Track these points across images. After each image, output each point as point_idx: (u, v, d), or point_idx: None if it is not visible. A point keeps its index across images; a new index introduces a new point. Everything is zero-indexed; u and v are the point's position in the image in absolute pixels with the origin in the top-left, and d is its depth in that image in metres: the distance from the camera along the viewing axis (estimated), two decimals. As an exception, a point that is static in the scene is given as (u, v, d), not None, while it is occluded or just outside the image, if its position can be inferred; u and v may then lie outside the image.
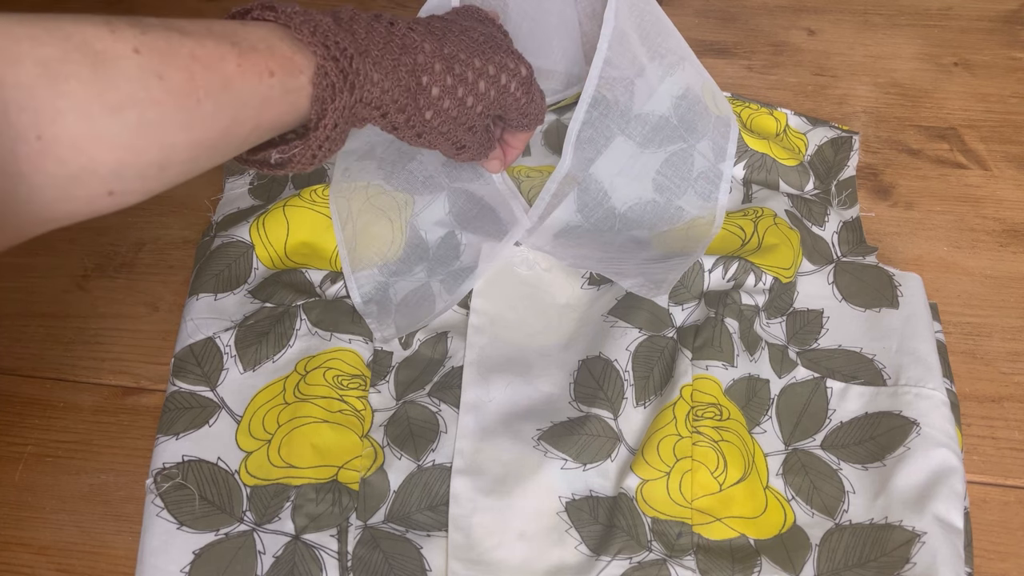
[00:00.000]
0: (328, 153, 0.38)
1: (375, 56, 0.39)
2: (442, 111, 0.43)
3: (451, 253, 0.52)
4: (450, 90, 0.43)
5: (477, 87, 0.44)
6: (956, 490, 0.44)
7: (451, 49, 0.43)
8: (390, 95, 0.40)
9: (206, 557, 0.43)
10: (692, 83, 0.55)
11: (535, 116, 0.49)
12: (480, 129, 0.47)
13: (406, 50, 0.41)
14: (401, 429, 0.47)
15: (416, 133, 0.43)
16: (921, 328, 0.50)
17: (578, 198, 0.54)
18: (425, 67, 0.41)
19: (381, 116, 0.41)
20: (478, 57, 0.44)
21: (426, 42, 0.42)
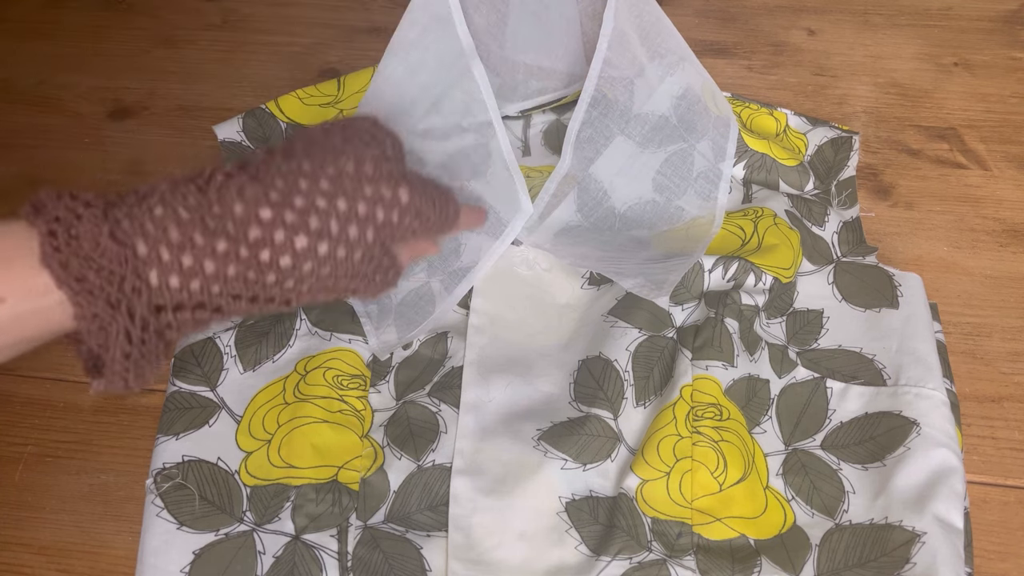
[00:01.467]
0: (147, 371, 0.34)
1: (168, 260, 0.33)
2: (304, 276, 0.36)
3: (451, 253, 0.52)
4: (306, 253, 0.36)
5: (346, 235, 0.37)
6: (956, 490, 0.44)
7: (304, 201, 0.36)
8: (209, 291, 0.34)
9: (206, 557, 0.43)
10: (692, 83, 0.55)
11: (448, 224, 0.43)
12: (370, 270, 0.39)
13: (235, 228, 0.34)
14: (401, 429, 0.47)
15: (284, 303, 0.37)
16: (921, 328, 0.50)
17: (578, 197, 0.54)
18: (261, 242, 0.35)
19: (214, 311, 0.35)
20: (343, 198, 0.37)
21: (263, 207, 0.35)
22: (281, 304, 0.37)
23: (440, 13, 0.50)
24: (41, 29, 0.71)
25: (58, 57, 0.69)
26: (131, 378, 0.34)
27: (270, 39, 0.70)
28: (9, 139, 0.63)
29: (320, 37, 0.70)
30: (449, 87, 0.51)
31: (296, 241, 0.36)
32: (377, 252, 0.39)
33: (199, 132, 0.63)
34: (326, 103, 0.61)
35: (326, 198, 0.37)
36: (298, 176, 0.37)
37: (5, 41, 0.70)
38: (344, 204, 0.37)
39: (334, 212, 0.37)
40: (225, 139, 0.60)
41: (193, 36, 0.70)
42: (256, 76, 0.67)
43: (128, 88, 0.66)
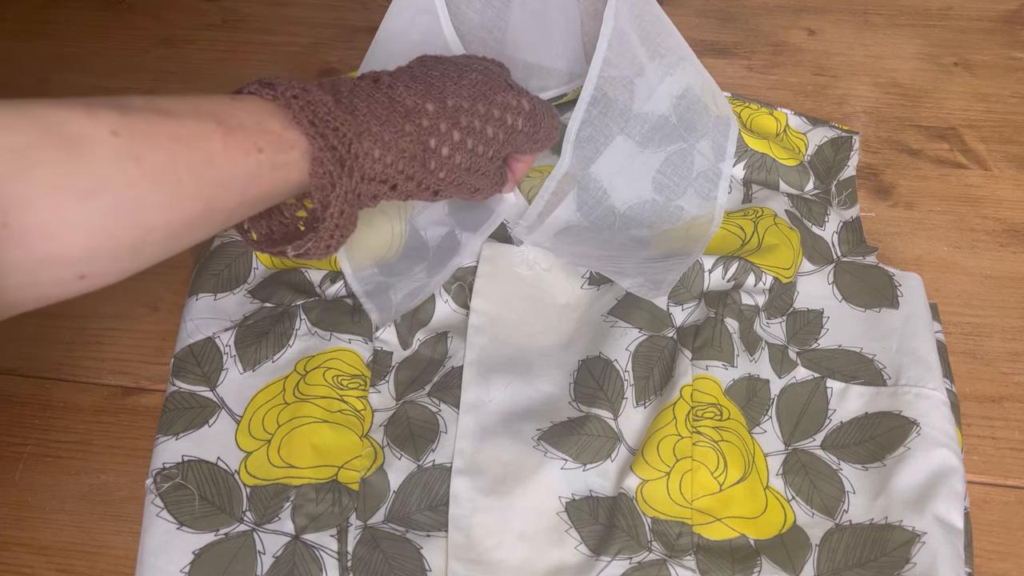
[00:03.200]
0: (342, 239, 0.38)
1: (376, 132, 0.38)
2: (454, 167, 0.43)
3: (451, 253, 0.52)
4: (459, 145, 0.42)
5: (485, 134, 0.43)
6: (956, 490, 0.44)
7: (454, 101, 0.42)
8: (395, 167, 0.39)
9: (206, 557, 0.43)
10: (692, 83, 0.55)
11: (544, 141, 0.49)
12: (493, 170, 0.46)
13: (409, 116, 0.40)
14: (401, 429, 0.47)
15: (432, 193, 0.43)
16: (921, 328, 0.50)
17: (578, 197, 0.54)
18: (431, 130, 0.41)
19: (391, 189, 0.40)
20: (481, 102, 0.43)
21: (428, 102, 0.41)
22: (430, 193, 0.43)
23: (424, 6, 0.50)
24: (41, 29, 0.71)
25: (58, 57, 0.68)
26: (336, 239, 0.38)
27: (270, 39, 0.70)
28: (9, 139, 0.63)
29: (320, 37, 0.70)
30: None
31: (454, 133, 0.41)
32: (501, 152, 0.45)
33: (199, 132, 0.63)
34: (326, 103, 0.61)
35: (469, 100, 0.42)
36: (444, 81, 0.42)
37: (5, 41, 0.70)
38: (483, 107, 0.43)
39: (476, 113, 0.43)
40: (225, 139, 0.60)
41: (193, 36, 0.70)
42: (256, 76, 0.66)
43: (128, 88, 0.66)
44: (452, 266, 0.51)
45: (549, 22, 0.56)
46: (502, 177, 0.49)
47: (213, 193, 0.32)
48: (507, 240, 0.53)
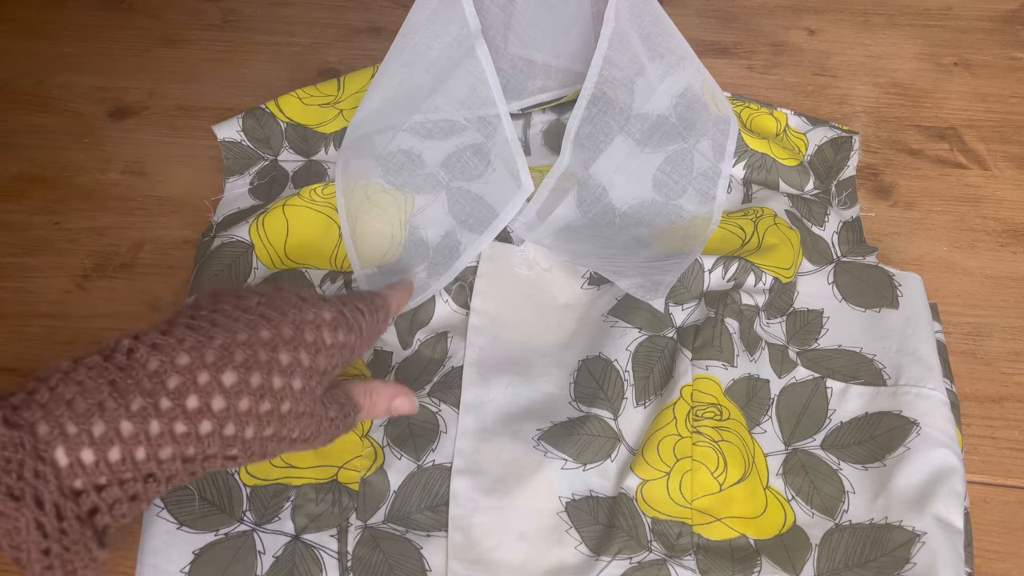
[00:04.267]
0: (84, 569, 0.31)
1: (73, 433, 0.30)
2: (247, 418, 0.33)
3: (451, 254, 0.52)
4: (238, 391, 0.33)
5: (278, 363, 0.35)
6: (956, 490, 0.44)
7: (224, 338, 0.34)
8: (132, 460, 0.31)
9: (206, 557, 0.43)
10: (692, 82, 0.55)
11: (372, 338, 0.41)
12: (318, 408, 0.37)
13: (140, 386, 0.31)
14: (401, 429, 0.47)
15: (230, 460, 0.34)
16: (921, 328, 0.50)
17: (578, 195, 0.54)
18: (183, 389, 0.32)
19: (146, 482, 0.32)
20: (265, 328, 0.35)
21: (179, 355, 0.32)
22: (225, 460, 0.34)
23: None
24: (41, 29, 0.71)
25: (58, 57, 0.69)
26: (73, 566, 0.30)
27: (270, 39, 0.70)
28: (9, 139, 0.63)
29: (320, 37, 0.70)
30: (453, 68, 0.52)
31: (224, 378, 0.33)
32: (318, 380, 0.37)
33: (199, 132, 0.63)
34: (326, 103, 0.61)
35: (246, 332, 0.34)
36: (213, 317, 0.35)
37: (5, 41, 0.70)
38: (267, 333, 0.35)
39: (259, 342, 0.34)
40: (225, 139, 0.60)
41: (193, 36, 0.70)
42: (256, 76, 0.67)
43: (128, 88, 0.66)
44: (455, 270, 0.51)
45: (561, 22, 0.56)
46: (342, 408, 0.39)
47: None
48: (507, 239, 0.53)
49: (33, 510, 0.28)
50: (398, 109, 0.55)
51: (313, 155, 0.60)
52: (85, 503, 0.30)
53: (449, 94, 0.53)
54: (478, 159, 0.53)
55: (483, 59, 0.51)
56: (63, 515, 0.29)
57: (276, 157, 0.60)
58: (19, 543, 0.29)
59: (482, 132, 0.53)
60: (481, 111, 0.52)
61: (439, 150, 0.54)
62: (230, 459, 0.34)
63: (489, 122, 0.52)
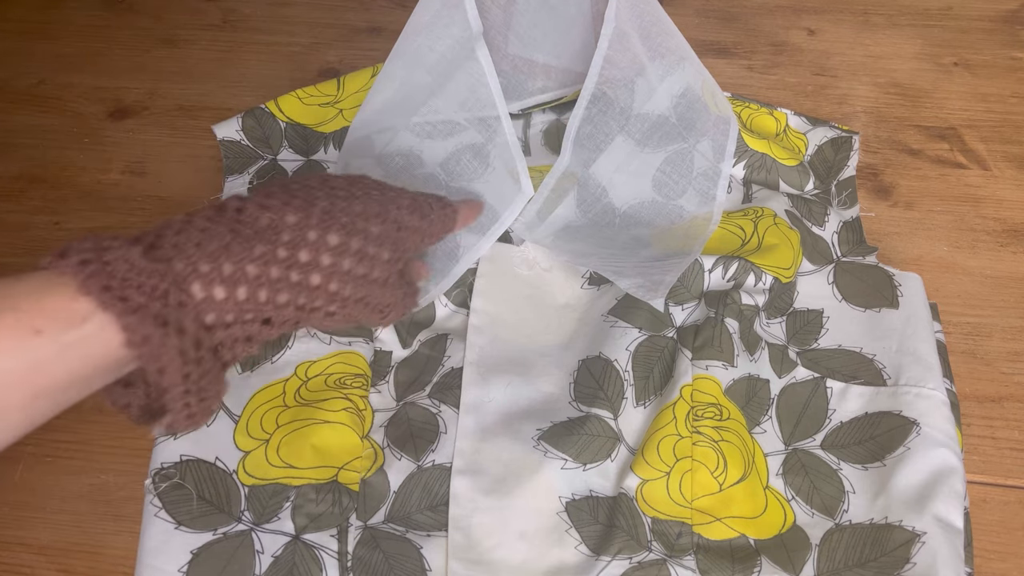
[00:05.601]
0: (204, 405, 0.32)
1: (206, 271, 0.32)
2: (345, 277, 0.36)
3: (451, 256, 0.52)
4: (341, 250, 0.36)
5: (370, 233, 0.37)
6: (956, 490, 0.44)
7: (325, 203, 0.36)
8: (254, 300, 0.33)
9: (204, 556, 0.43)
10: (692, 82, 0.55)
11: (439, 231, 0.43)
12: (394, 279, 0.40)
13: (261, 235, 0.34)
14: (401, 430, 0.47)
15: (326, 316, 0.36)
16: (921, 328, 0.50)
17: (578, 195, 0.54)
18: (296, 243, 0.34)
19: (263, 325, 0.34)
20: (358, 201, 0.38)
21: (288, 213, 0.35)
22: (325, 316, 0.36)
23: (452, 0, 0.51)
24: (41, 29, 0.71)
25: (58, 57, 0.69)
26: (195, 405, 0.32)
27: (270, 39, 0.70)
28: (9, 139, 0.63)
29: (320, 37, 0.70)
30: (455, 70, 0.52)
31: (329, 238, 0.35)
32: (397, 254, 0.39)
33: (199, 132, 0.63)
34: (326, 103, 0.61)
35: (344, 200, 0.37)
36: (307, 189, 0.37)
37: (5, 41, 0.70)
38: (360, 205, 0.38)
39: (354, 212, 0.37)
40: (224, 138, 0.60)
41: (193, 36, 0.70)
42: (256, 76, 0.67)
43: (128, 88, 0.66)
44: (455, 275, 0.51)
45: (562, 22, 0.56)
46: (411, 287, 0.42)
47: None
48: (507, 239, 0.53)
49: (177, 337, 0.30)
50: (398, 110, 0.55)
51: (312, 155, 0.60)
52: (215, 337, 0.32)
53: (449, 96, 0.53)
54: (478, 160, 0.53)
55: (484, 62, 0.51)
56: (200, 345, 0.31)
57: (276, 156, 0.60)
58: (162, 367, 0.30)
59: (482, 133, 0.53)
60: (481, 113, 0.52)
61: (438, 150, 0.54)
62: (329, 315, 0.36)
63: (489, 124, 0.52)
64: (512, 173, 0.52)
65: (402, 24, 0.53)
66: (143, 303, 0.30)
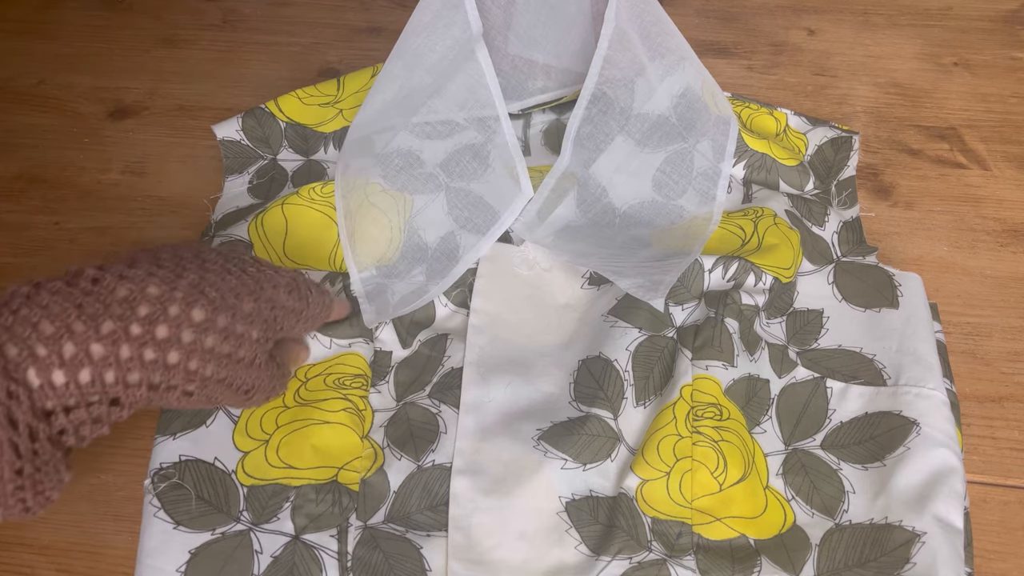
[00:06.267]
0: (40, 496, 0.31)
1: (43, 354, 0.30)
2: (208, 355, 0.34)
3: (450, 256, 0.52)
4: (206, 327, 0.34)
5: (241, 309, 0.36)
6: (956, 490, 0.44)
7: (194, 276, 0.34)
8: (101, 382, 0.31)
9: (202, 556, 0.43)
10: (692, 82, 0.55)
11: (316, 316, 0.42)
12: (264, 359, 0.38)
13: (110, 310, 0.31)
14: (401, 430, 0.47)
15: (183, 395, 0.34)
16: (921, 328, 0.50)
17: (578, 195, 0.54)
18: (154, 318, 0.32)
19: (112, 406, 0.32)
20: (232, 276, 0.36)
21: (150, 285, 0.33)
22: (182, 395, 0.34)
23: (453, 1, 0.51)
24: (41, 29, 0.71)
25: (58, 57, 0.69)
26: (30, 500, 0.30)
27: (270, 39, 0.70)
28: (9, 139, 0.63)
29: (320, 37, 0.70)
30: (454, 70, 0.52)
31: (194, 313, 0.33)
32: (268, 334, 0.38)
33: (199, 132, 0.63)
34: (326, 103, 0.61)
35: (216, 274, 0.35)
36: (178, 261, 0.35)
37: (5, 41, 0.70)
38: (234, 280, 0.36)
39: (226, 287, 0.35)
40: (224, 138, 0.60)
41: (193, 36, 0.70)
42: (256, 76, 0.67)
43: (128, 88, 0.66)
44: (454, 275, 0.51)
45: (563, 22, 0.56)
46: (281, 369, 0.40)
47: None
48: (507, 239, 0.53)
49: (7, 430, 0.28)
50: (398, 111, 0.55)
51: (312, 154, 0.60)
52: (55, 424, 0.30)
53: (449, 96, 0.53)
54: (477, 160, 0.53)
55: (484, 63, 0.51)
56: (36, 436, 0.29)
57: (275, 156, 0.60)
58: None
59: (482, 133, 0.53)
60: (481, 113, 0.52)
61: (438, 151, 0.54)
62: (186, 394, 0.34)
63: (489, 124, 0.52)
64: (512, 173, 0.52)
65: (402, 24, 0.53)
66: None
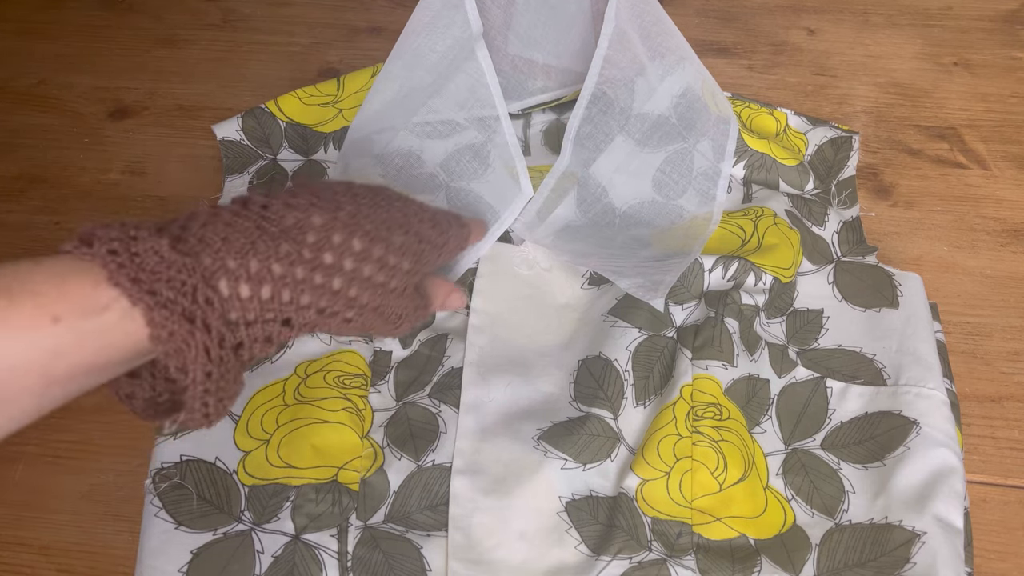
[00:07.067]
0: (222, 405, 0.32)
1: (234, 268, 0.31)
2: (365, 283, 0.36)
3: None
4: (363, 256, 0.35)
5: (392, 242, 0.37)
6: (956, 490, 0.44)
7: (350, 208, 0.36)
8: (278, 300, 0.32)
9: (204, 556, 0.43)
10: (692, 82, 0.55)
11: (453, 249, 0.43)
12: (411, 290, 0.39)
13: (287, 235, 0.33)
14: (401, 430, 0.47)
15: (344, 321, 0.36)
16: (921, 328, 0.50)
17: (578, 195, 0.54)
18: (320, 245, 0.34)
19: (283, 325, 0.33)
20: (381, 208, 0.38)
21: (313, 214, 0.34)
22: (342, 322, 0.35)
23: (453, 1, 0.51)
24: (41, 29, 0.71)
25: (58, 57, 0.69)
26: (212, 405, 0.31)
27: (270, 39, 0.70)
28: (9, 139, 0.63)
29: (320, 37, 0.70)
30: (454, 70, 0.52)
31: (353, 243, 0.35)
32: (415, 267, 0.39)
33: (199, 132, 0.63)
34: (326, 103, 0.61)
35: (368, 206, 0.37)
36: (333, 192, 0.36)
37: (5, 41, 0.70)
38: (383, 212, 0.38)
39: (377, 219, 0.37)
40: (224, 138, 0.60)
41: (193, 36, 0.70)
42: (256, 76, 0.67)
43: (128, 88, 0.66)
44: (455, 275, 0.51)
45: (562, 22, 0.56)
46: (424, 300, 0.42)
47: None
48: (507, 239, 0.53)
49: (203, 333, 0.30)
50: (399, 111, 0.55)
51: (312, 154, 0.60)
52: (237, 335, 0.31)
53: (449, 96, 0.53)
54: (478, 160, 0.53)
55: (484, 63, 0.51)
56: (224, 343, 0.31)
57: (275, 156, 0.60)
58: (184, 364, 0.30)
59: (482, 133, 0.53)
60: (481, 113, 0.52)
61: (438, 150, 0.54)
62: (346, 321, 0.36)
63: (489, 124, 0.52)
64: (512, 173, 0.52)
65: (402, 24, 0.53)
66: (171, 298, 0.29)
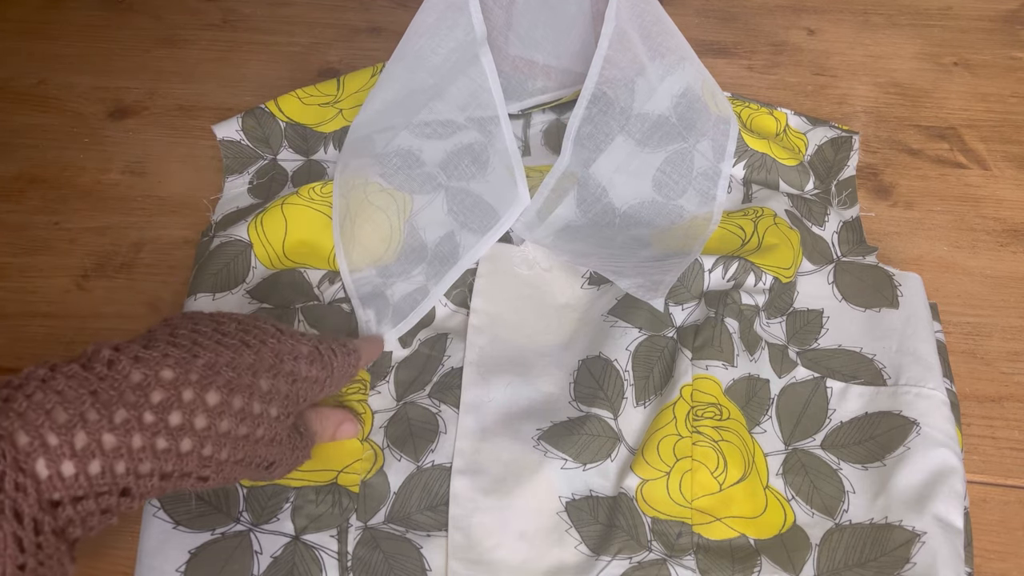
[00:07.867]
0: None
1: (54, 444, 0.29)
2: (223, 439, 0.33)
3: (450, 256, 0.52)
4: (220, 411, 0.33)
5: (259, 388, 0.35)
6: (956, 490, 0.44)
7: (208, 358, 0.34)
8: (111, 473, 0.30)
9: (202, 556, 0.43)
10: (692, 82, 0.55)
11: (340, 380, 0.41)
12: (285, 435, 0.37)
13: (123, 398, 0.31)
14: (401, 429, 0.47)
15: (199, 480, 0.34)
16: (921, 328, 0.50)
17: (578, 195, 0.54)
18: (167, 405, 0.32)
19: (122, 497, 0.31)
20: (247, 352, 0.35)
21: (163, 368, 0.32)
22: (196, 481, 0.33)
23: (456, 2, 0.51)
24: (41, 29, 0.71)
25: (58, 57, 0.69)
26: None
27: (270, 39, 0.70)
28: (9, 139, 0.63)
29: (320, 37, 0.70)
30: (457, 74, 0.52)
31: (208, 397, 0.33)
32: (289, 408, 0.37)
33: (199, 132, 0.63)
34: (325, 103, 0.61)
35: (230, 352, 0.35)
36: (195, 336, 0.35)
37: (5, 41, 0.70)
38: (250, 356, 0.35)
39: (243, 366, 0.35)
40: (224, 138, 0.60)
41: (193, 36, 0.70)
42: (256, 76, 0.67)
43: (128, 88, 0.66)
44: (452, 277, 0.51)
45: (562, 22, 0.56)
46: (305, 439, 0.39)
47: None
48: (507, 239, 0.53)
49: (12, 524, 0.28)
50: (399, 111, 0.55)
51: (312, 154, 0.60)
52: (61, 516, 0.30)
53: (451, 99, 0.53)
54: (477, 162, 0.53)
55: (487, 68, 0.51)
56: (40, 529, 0.29)
57: (275, 156, 0.60)
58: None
59: (482, 133, 0.53)
60: (481, 114, 0.52)
61: (438, 151, 0.54)
62: (202, 479, 0.34)
63: (489, 126, 0.52)
64: (511, 174, 0.52)
65: (402, 24, 0.53)
66: None
